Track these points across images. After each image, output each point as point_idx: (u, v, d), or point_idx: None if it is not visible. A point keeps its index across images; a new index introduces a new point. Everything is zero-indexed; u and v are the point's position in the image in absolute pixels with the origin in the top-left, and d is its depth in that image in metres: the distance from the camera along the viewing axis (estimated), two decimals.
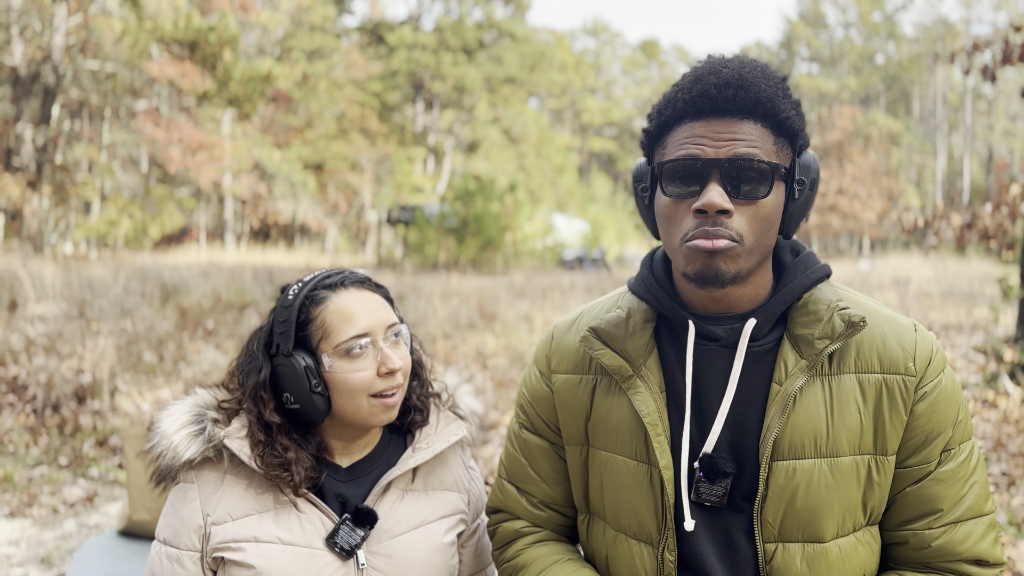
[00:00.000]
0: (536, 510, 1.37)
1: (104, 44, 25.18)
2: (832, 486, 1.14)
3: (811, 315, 1.17)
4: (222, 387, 1.39)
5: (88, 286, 11.02)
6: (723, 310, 1.20)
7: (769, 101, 1.09)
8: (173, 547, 1.30)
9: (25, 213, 21.50)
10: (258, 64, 21.87)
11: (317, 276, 1.36)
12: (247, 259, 25.40)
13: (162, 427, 1.31)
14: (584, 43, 72.38)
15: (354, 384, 1.29)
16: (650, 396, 1.20)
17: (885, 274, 20.11)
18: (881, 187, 48.15)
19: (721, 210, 1.08)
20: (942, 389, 1.17)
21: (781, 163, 1.12)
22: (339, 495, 1.35)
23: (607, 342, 1.23)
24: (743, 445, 1.18)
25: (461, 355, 8.50)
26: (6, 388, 6.61)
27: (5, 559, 4.01)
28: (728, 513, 1.19)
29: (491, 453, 5.27)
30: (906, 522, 1.19)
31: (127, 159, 32.37)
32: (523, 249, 24.67)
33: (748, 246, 1.11)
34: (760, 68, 1.13)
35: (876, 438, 1.16)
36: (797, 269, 1.21)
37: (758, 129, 1.10)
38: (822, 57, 64.53)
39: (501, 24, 40.35)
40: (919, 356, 1.16)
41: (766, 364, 1.18)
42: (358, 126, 39.59)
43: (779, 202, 1.13)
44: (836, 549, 1.15)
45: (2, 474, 5.10)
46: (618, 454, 1.24)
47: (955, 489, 1.17)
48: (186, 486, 1.32)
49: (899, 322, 1.20)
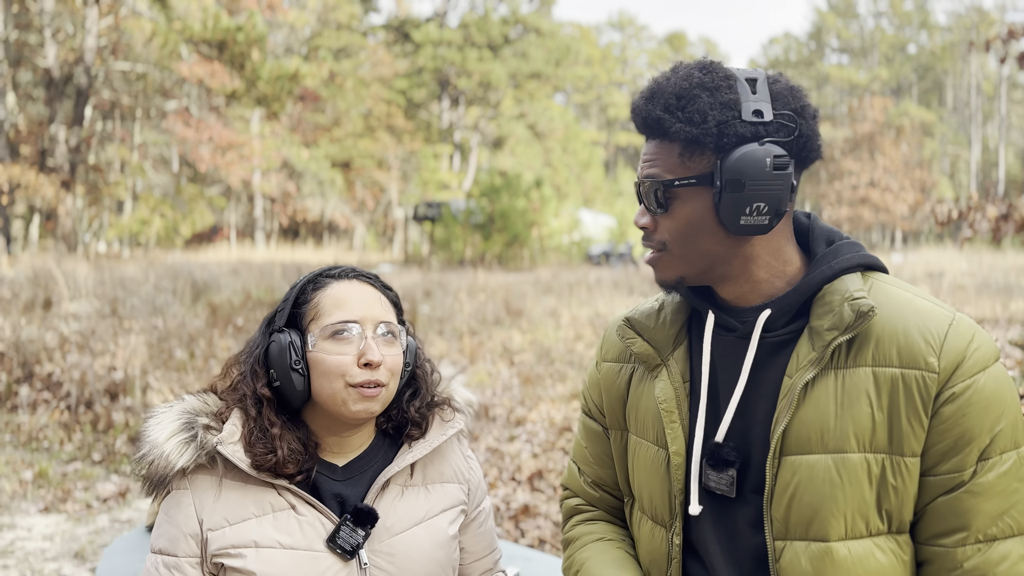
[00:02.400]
0: (591, 490, 1.43)
1: (135, 45, 25.53)
2: (837, 483, 1.10)
3: (826, 306, 1.15)
4: (210, 391, 1.38)
5: (120, 284, 11.19)
6: (736, 303, 1.23)
7: (657, 122, 1.16)
8: (171, 555, 1.29)
9: (59, 213, 21.88)
10: (285, 63, 22.03)
11: (328, 266, 1.39)
12: (276, 257, 25.64)
13: (151, 436, 1.29)
14: (610, 37, 72.03)
15: (331, 366, 1.27)
16: (670, 384, 1.25)
17: (918, 267, 19.78)
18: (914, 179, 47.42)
19: (641, 226, 1.22)
20: (977, 391, 1.08)
21: (685, 175, 1.16)
22: (337, 495, 1.33)
23: (639, 331, 1.30)
24: (752, 436, 1.18)
25: (487, 351, 8.50)
26: (41, 385, 6.73)
27: (40, 553, 4.08)
28: (737, 504, 1.19)
29: (517, 450, 5.26)
30: (936, 536, 1.12)
31: (158, 159, 32.81)
32: (549, 245, 24.63)
33: (676, 252, 1.19)
34: (669, 82, 1.17)
35: (891, 436, 1.10)
36: (824, 260, 1.20)
37: (660, 147, 1.19)
38: (852, 47, 63.61)
39: (526, 19, 40.27)
40: (946, 352, 1.09)
41: (783, 356, 1.18)
42: (385, 124, 39.76)
43: (699, 208, 1.16)
44: (844, 551, 1.11)
45: (37, 470, 5.19)
46: (643, 439, 1.30)
47: (993, 503, 1.08)
48: (179, 493, 1.30)
49: (932, 314, 1.13)
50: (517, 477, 4.78)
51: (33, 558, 4.02)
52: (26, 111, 28.78)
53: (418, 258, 26.90)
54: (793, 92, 1.17)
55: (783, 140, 1.13)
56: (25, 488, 4.95)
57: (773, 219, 1.14)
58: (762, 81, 1.15)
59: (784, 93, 1.16)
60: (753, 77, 1.15)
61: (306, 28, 38.73)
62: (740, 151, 1.11)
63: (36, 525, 4.43)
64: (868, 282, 1.19)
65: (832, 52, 65.38)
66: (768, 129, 1.13)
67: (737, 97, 1.13)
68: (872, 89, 57.03)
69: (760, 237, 1.18)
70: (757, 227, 1.14)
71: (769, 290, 1.20)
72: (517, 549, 2.25)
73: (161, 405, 1.35)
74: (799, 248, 1.24)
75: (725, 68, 1.17)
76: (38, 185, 21.33)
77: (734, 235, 1.16)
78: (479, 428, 5.80)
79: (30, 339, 7.10)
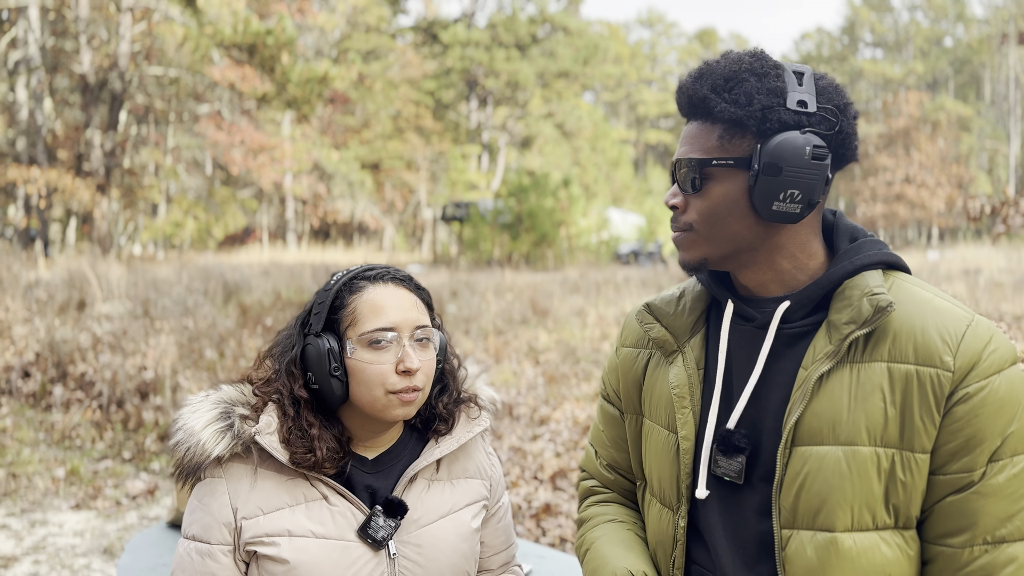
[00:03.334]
0: (606, 472, 1.47)
1: (167, 50, 25.94)
2: (845, 475, 1.11)
3: (845, 300, 1.16)
4: (247, 382, 1.40)
5: (153, 286, 11.37)
6: (756, 293, 1.24)
7: (703, 101, 1.18)
8: (204, 542, 1.31)
9: (95, 216, 22.28)
10: (315, 66, 22.25)
11: (362, 267, 1.40)
12: (307, 258, 25.90)
13: (187, 424, 1.31)
14: (639, 34, 71.70)
15: (371, 375, 1.30)
16: (684, 370, 1.28)
17: (954, 264, 19.43)
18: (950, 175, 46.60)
19: (671, 205, 1.23)
20: (991, 392, 1.08)
21: (723, 156, 1.18)
22: (368, 487, 1.36)
23: (658, 317, 1.33)
24: (763, 425, 1.20)
25: (513, 351, 8.50)
26: (74, 385, 6.86)
27: (70, 549, 4.16)
28: (745, 491, 1.21)
29: (540, 448, 5.26)
30: (943, 535, 1.12)
31: (191, 162, 33.31)
32: (578, 244, 24.58)
33: (704, 232, 1.20)
34: (719, 64, 1.19)
35: (903, 432, 1.10)
36: (847, 256, 1.21)
37: (701, 127, 1.20)
38: (887, 42, 62.64)
39: (554, 18, 40.24)
40: (962, 352, 1.09)
41: (800, 348, 1.19)
42: (413, 125, 39.98)
43: (733, 191, 1.18)
44: (850, 542, 1.11)
45: (69, 468, 5.29)
46: (656, 423, 1.33)
47: (1002, 505, 1.08)
48: (213, 481, 1.32)
49: (951, 314, 1.13)
50: (539, 476, 4.77)
51: (64, 553, 4.10)
52: (63, 116, 29.39)
53: (447, 258, 27.00)
54: (837, 90, 1.20)
55: (824, 133, 1.15)
56: (57, 485, 5.05)
57: (805, 209, 1.15)
58: (808, 75, 1.17)
59: (829, 89, 1.18)
60: (801, 71, 1.18)
61: (336, 31, 39.07)
62: (781, 136, 1.13)
63: (67, 521, 4.52)
64: (889, 280, 1.20)
65: (866, 47, 64.46)
66: (811, 120, 1.15)
67: (784, 85, 1.15)
68: (907, 84, 56.13)
69: (788, 227, 1.19)
70: (788, 215, 1.15)
71: (791, 282, 1.21)
72: (532, 547, 2.26)
73: (198, 394, 1.38)
74: (824, 244, 1.25)
75: (774, 59, 1.20)
76: (74, 189, 21.76)
77: (764, 221, 1.18)
78: (503, 427, 5.81)
79: (64, 340, 7.25)
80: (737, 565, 1.21)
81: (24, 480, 5.12)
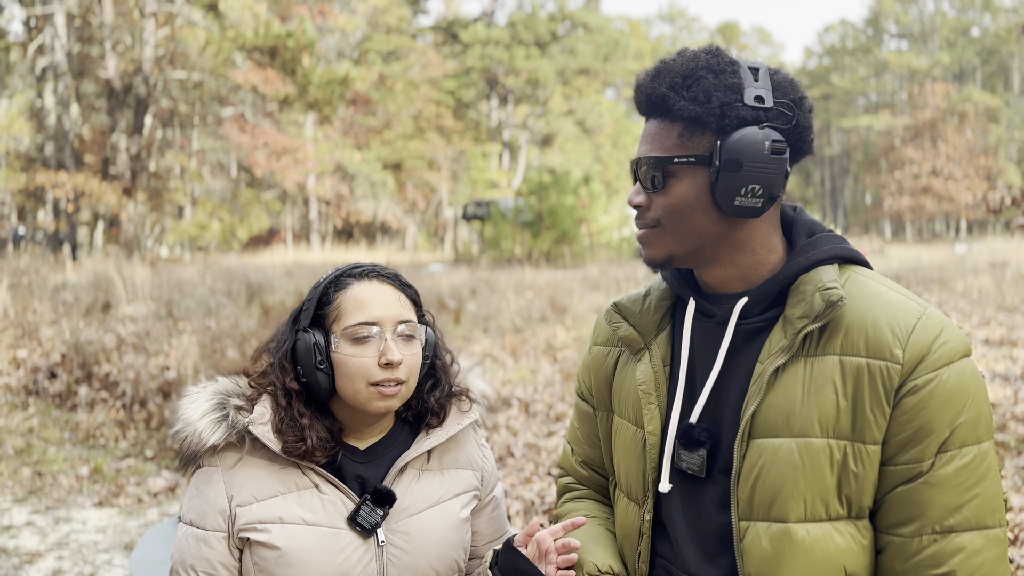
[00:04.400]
0: (581, 469, 1.50)
1: (190, 54, 26.23)
2: (798, 467, 1.12)
3: (799, 295, 1.18)
4: (243, 374, 1.45)
5: (177, 287, 11.52)
6: (718, 289, 1.26)
7: (662, 99, 1.19)
8: (199, 528, 1.36)
9: (122, 219, 22.62)
10: (336, 67, 22.42)
11: (350, 265, 1.45)
12: (330, 258, 26.09)
13: (185, 414, 1.37)
14: (660, 29, 71.35)
15: (354, 368, 1.34)
16: (650, 367, 1.30)
17: (982, 257, 19.15)
18: (979, 166, 45.91)
19: (635, 204, 1.24)
20: (940, 384, 1.10)
21: (684, 153, 1.18)
22: (358, 476, 1.40)
23: (625, 316, 1.36)
24: (723, 419, 1.22)
25: (531, 348, 8.52)
26: (99, 385, 6.99)
27: (92, 545, 4.25)
28: (706, 484, 1.23)
29: (555, 445, 5.28)
30: (893, 525, 1.14)
31: (216, 164, 33.66)
32: (599, 241, 24.51)
33: (669, 229, 1.21)
34: (675, 63, 1.20)
35: (854, 423, 1.12)
36: (803, 251, 1.22)
37: (660, 126, 1.21)
38: (912, 32, 61.76)
39: (574, 15, 40.14)
40: (912, 345, 1.11)
41: (758, 343, 1.21)
42: (434, 124, 40.10)
43: (695, 187, 1.19)
44: (803, 532, 1.13)
45: (93, 466, 5.40)
46: (625, 419, 1.35)
47: (950, 496, 1.10)
48: (210, 470, 1.37)
49: (903, 307, 1.15)
50: (554, 472, 4.79)
51: (86, 550, 4.19)
52: (90, 121, 29.85)
53: (468, 257, 27.06)
54: (792, 84, 1.21)
55: (781, 127, 1.17)
56: (81, 483, 5.16)
57: (766, 203, 1.17)
58: (764, 71, 1.19)
59: (784, 84, 1.20)
60: (756, 66, 1.19)
61: (356, 32, 39.27)
62: (740, 132, 1.14)
63: (90, 518, 4.62)
64: (845, 274, 1.21)
65: (890, 38, 63.60)
66: (768, 115, 1.16)
67: (740, 81, 1.16)
68: (933, 75, 55.32)
69: (750, 222, 1.21)
70: (750, 209, 1.17)
71: (751, 277, 1.23)
72: None
73: (196, 386, 1.44)
74: (784, 239, 1.27)
75: (729, 55, 1.21)
76: (101, 192, 22.09)
77: (727, 216, 1.19)
78: (519, 423, 5.83)
79: (89, 341, 7.38)
80: (698, 557, 1.23)
81: (49, 478, 5.23)
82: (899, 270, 15.66)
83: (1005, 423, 5.19)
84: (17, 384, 7.23)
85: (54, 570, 3.94)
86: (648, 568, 1.30)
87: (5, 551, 4.15)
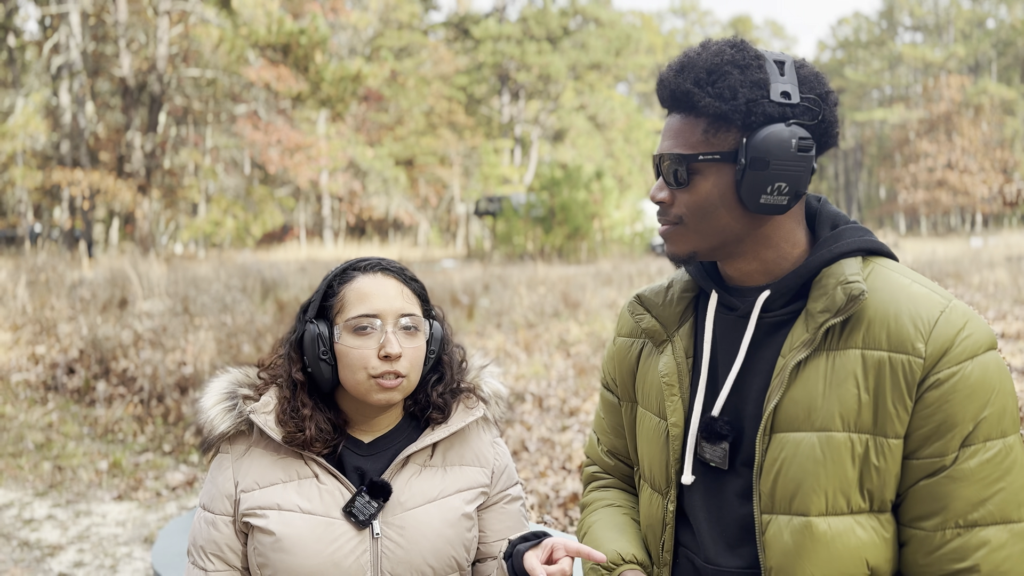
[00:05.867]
0: (607, 458, 1.50)
1: (204, 52, 26.37)
2: (820, 460, 1.12)
3: (821, 289, 1.17)
4: (258, 365, 1.49)
5: (192, 283, 11.61)
6: (741, 283, 1.26)
7: (686, 95, 1.17)
8: (210, 512, 1.41)
9: (137, 216, 22.77)
10: (348, 64, 22.45)
11: (357, 259, 1.47)
12: (343, 254, 26.17)
13: (203, 403, 1.43)
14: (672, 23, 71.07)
15: (354, 359, 1.36)
16: (673, 359, 1.30)
17: (998, 251, 19.00)
18: (994, 159, 45.50)
19: (658, 200, 1.23)
20: (963, 378, 1.09)
21: (709, 150, 1.17)
22: (358, 468, 1.42)
23: (648, 308, 1.36)
24: (746, 412, 1.22)
25: (544, 343, 8.53)
26: (117, 381, 7.06)
27: (112, 538, 4.30)
28: (728, 476, 1.23)
29: (569, 439, 5.30)
30: (916, 518, 1.13)
31: (229, 162, 33.84)
32: (611, 236, 24.46)
33: (692, 226, 1.21)
34: (700, 57, 1.18)
35: (876, 417, 1.12)
36: (826, 244, 1.21)
37: (684, 121, 1.20)
38: (926, 25, 61.25)
39: (586, 10, 40.06)
40: (935, 338, 1.10)
41: (780, 336, 1.21)
42: (446, 120, 40.13)
43: (720, 185, 1.18)
44: (824, 526, 1.13)
45: (112, 460, 5.46)
46: (648, 410, 1.36)
47: (974, 490, 1.09)
48: (222, 456, 1.43)
49: (926, 300, 1.13)
50: (568, 466, 4.81)
51: (106, 543, 4.25)
52: (104, 119, 30.05)
53: (480, 253, 27.08)
54: (818, 78, 1.20)
55: (808, 123, 1.16)
56: (101, 477, 5.22)
57: (792, 200, 1.16)
58: (789, 65, 1.18)
59: (810, 78, 1.18)
60: (781, 60, 1.18)
61: (368, 29, 39.34)
62: (767, 130, 1.13)
63: (110, 512, 4.68)
64: (868, 267, 1.20)
65: (905, 30, 63.09)
66: (794, 111, 1.15)
67: (766, 77, 1.15)
68: (948, 67, 54.84)
69: (774, 219, 1.20)
70: (776, 207, 1.16)
71: (775, 271, 1.23)
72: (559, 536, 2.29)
73: (217, 375, 1.48)
74: (808, 231, 1.26)
75: (755, 48, 1.19)
76: (116, 190, 22.25)
77: (751, 213, 1.18)
78: (532, 418, 5.85)
79: (106, 337, 7.45)
80: (720, 548, 1.23)
81: (69, 472, 5.30)
82: (914, 264, 15.55)
83: (1020, 417, 5.17)
84: (36, 380, 7.32)
85: (75, 562, 4.00)
86: (672, 558, 1.31)
87: (27, 544, 4.22)
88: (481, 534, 1.51)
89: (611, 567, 1.31)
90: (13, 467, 5.41)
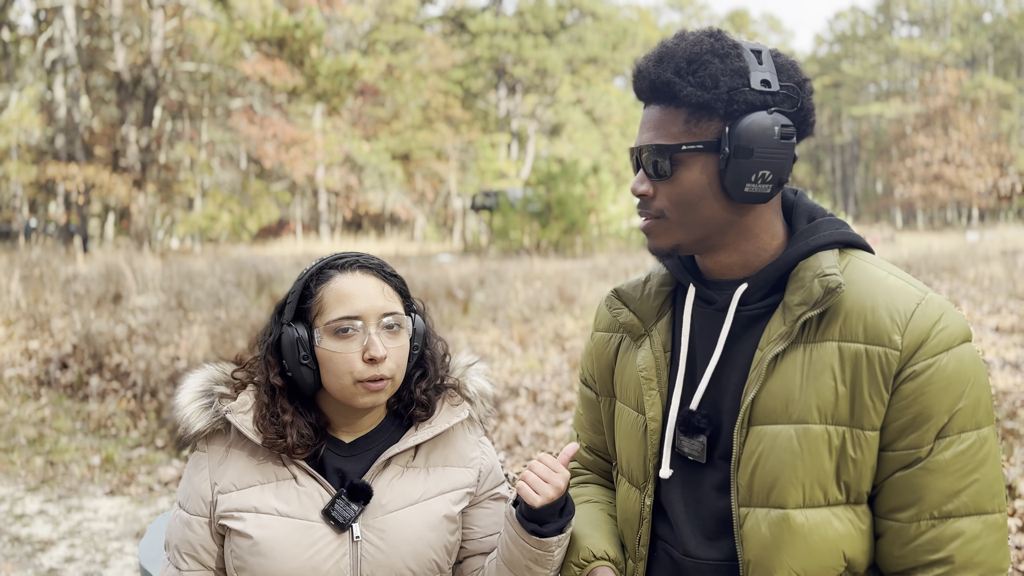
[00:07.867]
0: (586, 454, 1.50)
1: (199, 46, 26.27)
2: (797, 453, 1.12)
3: (798, 282, 1.17)
4: (235, 362, 1.44)
5: (187, 278, 11.57)
6: (719, 276, 1.25)
7: (667, 85, 1.15)
8: (185, 511, 1.37)
9: (132, 211, 22.73)
10: (344, 58, 22.39)
11: (334, 255, 1.40)
12: (340, 249, 26.12)
13: (178, 400, 1.38)
14: (669, 17, 70.94)
15: (338, 364, 1.31)
16: (651, 353, 1.30)
17: (993, 245, 19.02)
18: (991, 154, 45.54)
19: (639, 193, 1.21)
20: (939, 370, 1.09)
21: (691, 140, 1.16)
22: (339, 470, 1.37)
23: (625, 302, 1.35)
24: (723, 406, 1.22)
25: (539, 337, 8.53)
26: (110, 375, 7.04)
27: (104, 533, 4.29)
28: (706, 469, 1.23)
29: (563, 433, 5.29)
30: (892, 510, 1.13)
31: (225, 156, 33.74)
32: (608, 231, 24.46)
33: (674, 219, 1.20)
34: (679, 47, 1.17)
35: (853, 410, 1.12)
36: (803, 236, 1.21)
37: (664, 112, 1.18)
38: (923, 19, 61.24)
39: (582, 3, 39.99)
40: (911, 330, 1.10)
41: (758, 329, 1.20)
42: (442, 115, 40.06)
43: (703, 175, 1.17)
44: (802, 518, 1.13)
45: (105, 455, 5.44)
46: (627, 405, 1.35)
47: (948, 481, 1.09)
48: (199, 455, 1.38)
49: (903, 292, 1.13)
50: None
51: (98, 538, 4.23)
52: (99, 114, 29.94)
53: (477, 247, 27.06)
54: (795, 66, 1.19)
55: (788, 111, 1.15)
56: (93, 472, 5.20)
57: (775, 188, 1.16)
58: (766, 53, 1.17)
59: (787, 66, 1.18)
60: (758, 49, 1.17)
61: (364, 22, 39.22)
62: (750, 118, 1.13)
63: (102, 507, 4.66)
64: (845, 259, 1.20)
65: (901, 24, 63.09)
66: (775, 99, 1.15)
67: (746, 65, 1.15)
68: (945, 62, 54.86)
69: (756, 208, 1.20)
70: (759, 195, 1.15)
71: (754, 263, 1.22)
72: None
73: (193, 371, 1.43)
74: (785, 224, 1.25)
75: (731, 37, 1.19)
76: (112, 185, 22.20)
77: (735, 203, 1.17)
78: (526, 412, 5.85)
79: (100, 332, 7.43)
80: (698, 541, 1.23)
81: (61, 467, 5.29)
82: (910, 258, 15.57)
83: (1015, 411, 5.17)
84: (29, 375, 7.30)
85: (66, 557, 3.99)
86: (648, 551, 1.31)
87: (19, 539, 4.20)
88: (467, 531, 1.48)
89: (583, 564, 1.32)
90: (5, 462, 5.40)
